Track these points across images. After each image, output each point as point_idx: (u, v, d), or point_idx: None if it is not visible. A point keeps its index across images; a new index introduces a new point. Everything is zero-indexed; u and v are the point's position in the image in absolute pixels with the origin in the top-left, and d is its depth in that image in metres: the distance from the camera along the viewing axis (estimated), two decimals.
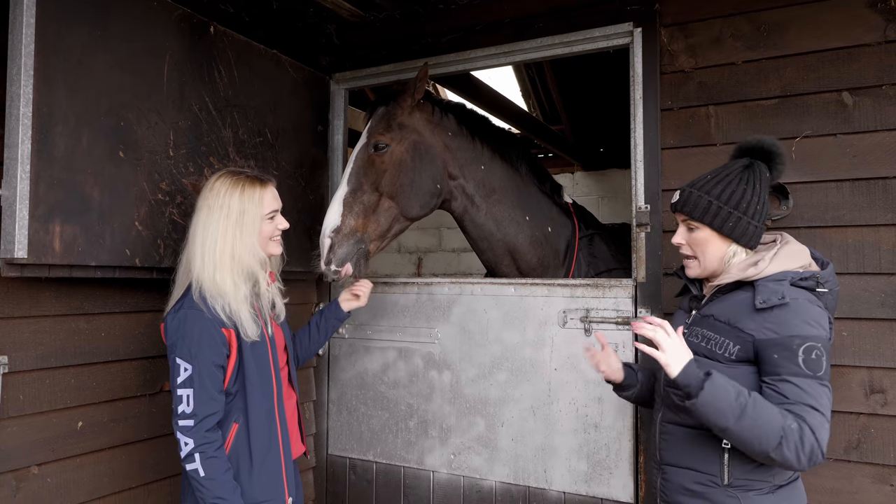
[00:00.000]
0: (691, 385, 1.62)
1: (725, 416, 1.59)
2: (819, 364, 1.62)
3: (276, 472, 2.06)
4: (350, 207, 2.59)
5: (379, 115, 2.76)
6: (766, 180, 1.83)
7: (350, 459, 3.16)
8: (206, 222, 2.02)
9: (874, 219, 2.24)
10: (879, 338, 2.21)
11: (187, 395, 1.90)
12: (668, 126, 2.56)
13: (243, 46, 2.68)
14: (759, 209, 1.80)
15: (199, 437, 1.89)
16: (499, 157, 2.96)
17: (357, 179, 2.64)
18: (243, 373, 2.01)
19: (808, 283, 1.73)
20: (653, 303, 2.52)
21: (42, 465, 2.10)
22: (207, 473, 1.88)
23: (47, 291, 2.12)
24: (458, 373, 2.90)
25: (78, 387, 2.21)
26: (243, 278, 2.03)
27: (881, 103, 2.25)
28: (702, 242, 1.85)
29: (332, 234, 2.54)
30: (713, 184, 1.83)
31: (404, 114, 2.73)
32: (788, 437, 1.56)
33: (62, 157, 1.97)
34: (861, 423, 2.22)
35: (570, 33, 2.75)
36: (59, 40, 1.97)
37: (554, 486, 2.68)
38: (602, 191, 6.66)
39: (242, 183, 2.07)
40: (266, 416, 2.05)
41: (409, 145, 2.70)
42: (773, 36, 2.41)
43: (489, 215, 2.90)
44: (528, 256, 2.95)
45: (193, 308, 1.94)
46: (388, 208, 2.66)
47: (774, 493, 1.71)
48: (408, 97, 2.72)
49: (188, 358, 1.91)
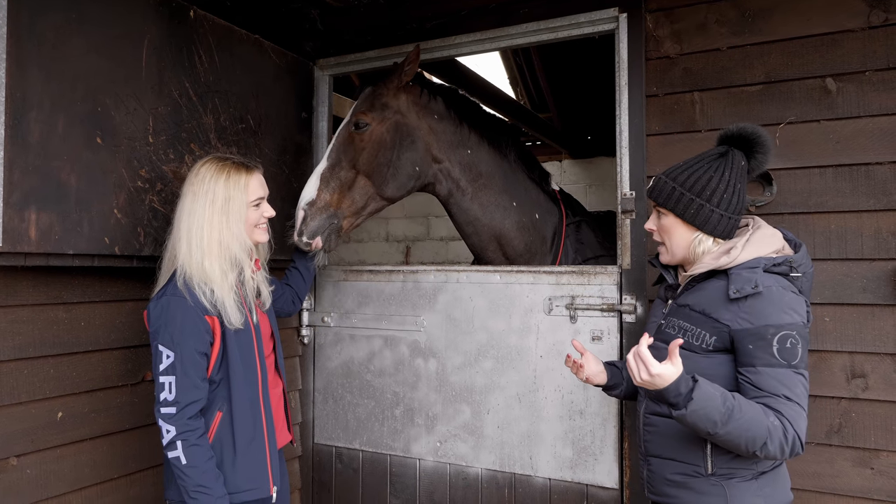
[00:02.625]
0: (679, 395, 1.57)
1: (713, 421, 1.56)
2: (794, 353, 1.62)
3: (260, 461, 2.05)
4: (327, 182, 2.64)
5: (365, 94, 2.78)
6: (739, 169, 1.81)
7: (336, 448, 3.15)
8: (191, 208, 2.00)
9: (857, 205, 2.24)
10: (861, 323, 2.22)
11: (169, 382, 1.89)
12: (653, 112, 2.55)
13: (224, 31, 2.64)
14: (725, 198, 1.77)
15: (182, 424, 1.87)
16: (487, 143, 2.95)
17: (337, 156, 2.69)
18: (227, 361, 1.99)
19: (781, 269, 1.72)
20: (637, 290, 2.52)
21: (21, 457, 2.07)
22: (190, 461, 1.86)
23: (24, 280, 2.09)
24: (443, 361, 2.89)
25: (57, 377, 2.18)
26: (230, 265, 2.02)
27: (864, 89, 2.25)
28: (668, 229, 1.86)
29: (306, 206, 2.60)
30: (680, 171, 1.83)
31: (389, 94, 2.75)
32: (773, 435, 1.56)
33: (37, 142, 1.93)
34: (842, 407, 2.24)
35: (556, 19, 2.73)
36: (33, 24, 1.92)
37: (539, 473, 2.69)
38: (589, 179, 6.66)
39: (228, 169, 2.05)
40: (250, 405, 2.04)
41: (390, 125, 2.72)
42: (757, 21, 2.40)
43: (475, 199, 2.89)
44: (515, 242, 2.94)
45: (177, 295, 1.93)
46: (363, 186, 2.69)
47: (758, 480, 1.72)
48: (395, 78, 2.74)
49: (171, 345, 1.89)
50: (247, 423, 2.02)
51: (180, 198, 2.05)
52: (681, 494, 1.77)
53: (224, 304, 1.97)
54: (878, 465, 2.19)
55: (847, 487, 2.23)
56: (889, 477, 2.18)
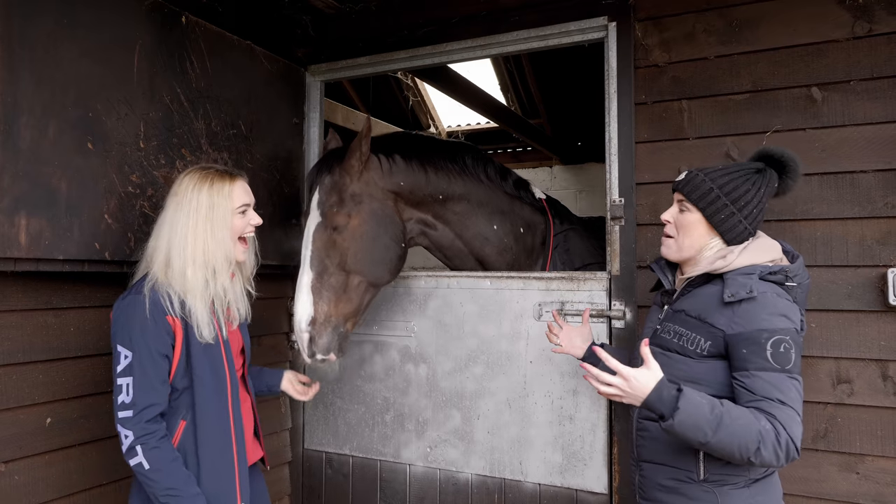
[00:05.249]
0: (664, 405, 1.58)
1: (703, 431, 1.55)
2: (787, 357, 1.62)
3: (228, 476, 1.98)
4: (319, 293, 2.46)
5: (327, 186, 2.55)
6: (771, 189, 1.83)
7: (326, 454, 3.15)
8: (173, 218, 1.96)
9: (842, 212, 2.27)
10: (846, 329, 2.25)
11: (127, 383, 1.82)
12: (642, 120, 2.58)
13: (216, 37, 2.64)
14: (754, 213, 1.80)
15: (140, 428, 1.81)
16: (456, 175, 2.83)
17: (320, 262, 2.49)
18: (192, 369, 1.93)
19: (776, 278, 1.74)
20: (626, 296, 2.55)
21: (9, 463, 2.06)
22: (153, 465, 1.80)
23: (14, 286, 2.08)
24: (434, 366, 2.90)
25: (46, 382, 2.16)
26: (212, 274, 1.97)
27: (849, 99, 2.28)
28: (687, 226, 1.85)
29: (308, 327, 2.44)
30: (720, 174, 1.83)
31: (353, 181, 2.55)
32: (766, 440, 1.55)
33: (28, 148, 1.93)
34: (828, 412, 2.27)
35: (546, 27, 2.76)
36: (24, 29, 1.92)
37: (529, 478, 2.70)
38: (580, 184, 6.70)
39: (211, 177, 2.01)
40: (217, 417, 1.97)
41: (366, 216, 2.55)
42: (744, 31, 2.43)
43: (457, 237, 2.87)
44: (497, 265, 2.94)
45: (139, 293, 1.88)
46: (357, 284, 2.53)
47: (750, 487, 1.72)
48: (354, 161, 2.54)
49: (129, 344, 1.84)
50: (213, 436, 1.95)
51: (164, 208, 2.01)
52: (672, 500, 1.77)
53: (197, 317, 1.92)
54: (864, 469, 2.22)
55: (833, 492, 2.25)
56: (874, 481, 2.20)
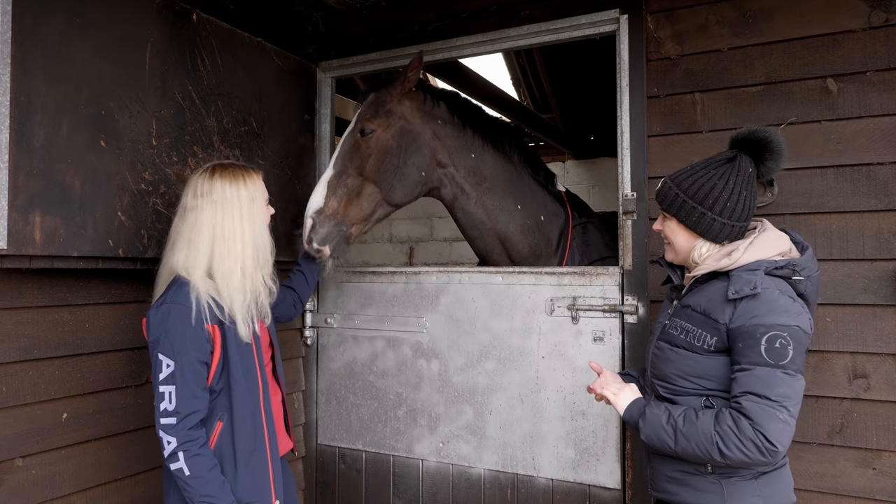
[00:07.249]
0: (634, 424, 1.77)
1: (665, 441, 1.68)
2: (783, 353, 1.60)
3: (262, 472, 2.01)
4: (334, 190, 2.64)
5: (369, 101, 2.79)
6: (747, 175, 1.78)
7: (339, 449, 3.16)
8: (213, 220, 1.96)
9: (858, 205, 2.24)
10: (862, 323, 2.22)
11: (169, 392, 1.86)
12: (654, 113, 2.55)
13: (227, 34, 2.65)
14: (729, 206, 1.75)
15: (182, 435, 1.85)
16: (490, 146, 2.96)
17: (343, 163, 2.69)
18: (228, 370, 1.96)
19: (783, 272, 1.72)
20: (639, 290, 2.53)
21: (27, 458, 2.09)
22: (193, 472, 1.84)
23: (30, 283, 2.11)
24: (446, 362, 2.90)
25: (62, 378, 2.19)
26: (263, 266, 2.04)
27: (865, 90, 2.25)
28: (672, 232, 1.88)
29: (314, 214, 2.60)
30: (685, 176, 1.82)
31: (393, 100, 2.76)
32: (725, 438, 1.59)
33: (41, 146, 1.95)
34: (844, 407, 2.24)
35: (557, 20, 2.74)
36: (37, 28, 1.94)
37: (542, 473, 2.69)
38: (593, 179, 6.66)
39: (241, 173, 2.05)
40: (251, 415, 2.01)
41: (395, 132, 2.73)
42: (758, 22, 2.40)
43: (479, 203, 2.91)
44: (520, 245, 2.95)
45: (177, 303, 1.90)
46: (370, 193, 2.70)
47: (758, 480, 1.71)
48: (398, 84, 2.75)
49: (171, 354, 1.86)
50: (248, 434, 1.99)
51: (194, 210, 1.98)
52: (680, 491, 1.79)
53: (239, 318, 1.95)
54: (881, 465, 2.19)
55: (849, 488, 2.23)
56: (891, 477, 2.17)
